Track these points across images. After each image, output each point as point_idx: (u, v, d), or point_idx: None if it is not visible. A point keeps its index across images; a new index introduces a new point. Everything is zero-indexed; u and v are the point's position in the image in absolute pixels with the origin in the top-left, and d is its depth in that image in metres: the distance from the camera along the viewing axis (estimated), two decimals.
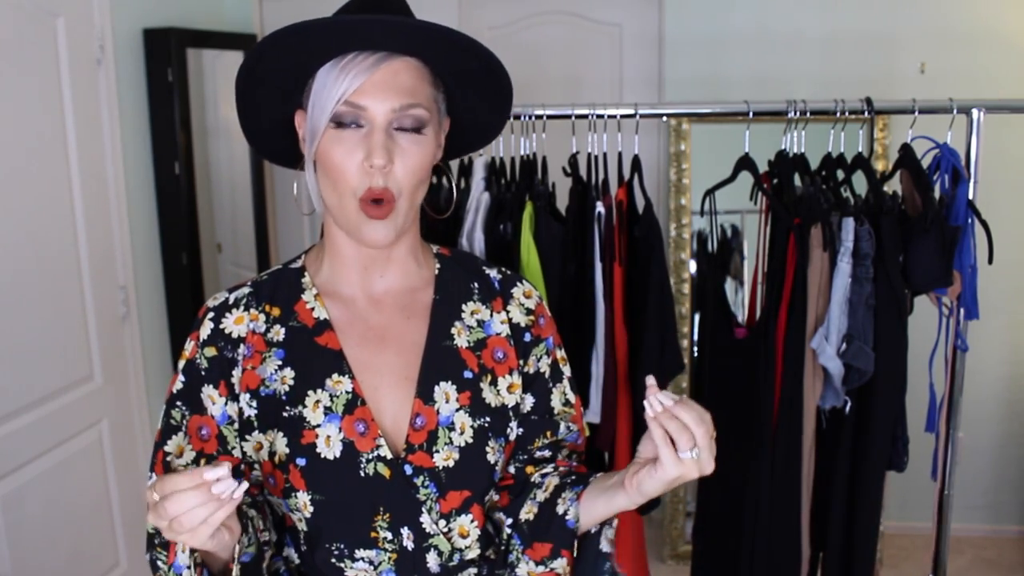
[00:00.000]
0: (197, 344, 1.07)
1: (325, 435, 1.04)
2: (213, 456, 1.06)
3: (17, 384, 2.29)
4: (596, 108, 1.85)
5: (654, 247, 1.80)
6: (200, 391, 1.06)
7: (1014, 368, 3.19)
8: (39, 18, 2.35)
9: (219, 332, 1.07)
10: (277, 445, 1.05)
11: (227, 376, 1.06)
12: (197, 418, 1.06)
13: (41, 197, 2.37)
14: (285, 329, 1.08)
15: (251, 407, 1.06)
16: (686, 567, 3.12)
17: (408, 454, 1.06)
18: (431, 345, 1.11)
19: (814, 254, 1.73)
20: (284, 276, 1.12)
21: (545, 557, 1.10)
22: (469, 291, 1.16)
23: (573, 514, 1.09)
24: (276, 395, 1.06)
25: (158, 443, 1.07)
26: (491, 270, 1.19)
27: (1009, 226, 2.67)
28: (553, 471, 1.16)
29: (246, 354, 1.07)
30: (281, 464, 1.04)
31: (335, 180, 1.01)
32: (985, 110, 1.86)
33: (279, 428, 1.05)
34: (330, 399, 1.05)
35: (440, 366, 1.10)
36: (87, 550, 2.56)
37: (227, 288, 1.12)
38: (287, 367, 1.07)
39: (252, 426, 1.06)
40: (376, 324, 1.10)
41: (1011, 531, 3.29)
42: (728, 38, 3.12)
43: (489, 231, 1.74)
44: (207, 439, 1.06)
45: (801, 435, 1.79)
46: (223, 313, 1.09)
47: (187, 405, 1.07)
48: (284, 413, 1.05)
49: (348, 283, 1.11)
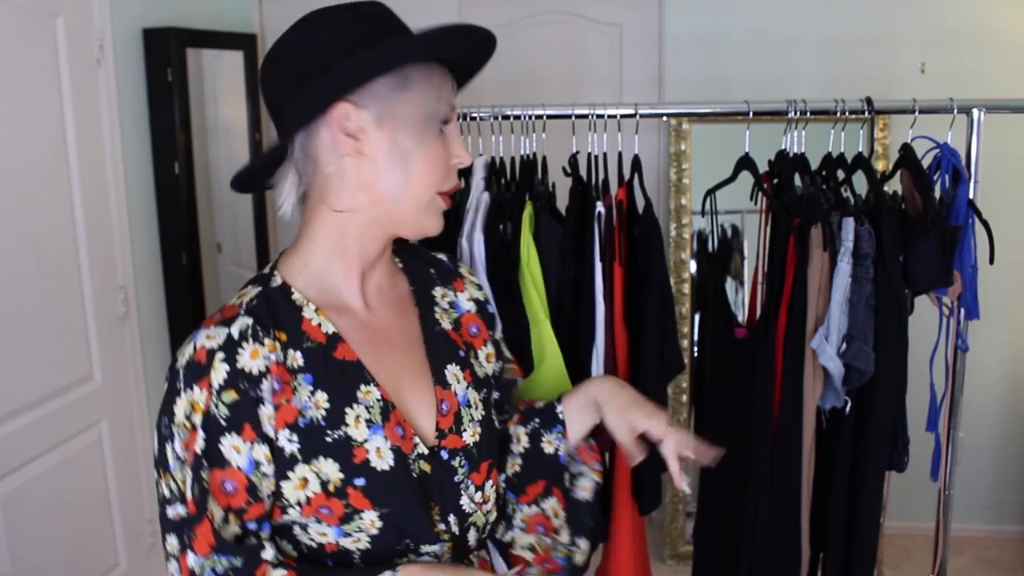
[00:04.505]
0: (211, 392, 0.97)
1: (375, 448, 1.03)
2: (243, 510, 0.99)
3: (17, 384, 2.28)
4: (596, 108, 1.85)
5: (654, 247, 1.80)
6: (219, 443, 0.97)
7: (1015, 368, 3.19)
8: (39, 18, 2.35)
9: (238, 372, 0.98)
10: (328, 472, 1.00)
11: (252, 418, 0.98)
12: (219, 472, 0.97)
13: (41, 197, 2.37)
14: (301, 352, 1.03)
15: (292, 442, 1.00)
16: (686, 567, 3.12)
17: (441, 440, 1.10)
18: (427, 333, 1.15)
19: (814, 254, 1.73)
20: (273, 296, 1.05)
21: (539, 495, 1.22)
22: (431, 277, 1.21)
23: (564, 450, 1.23)
24: (315, 422, 1.01)
25: (194, 516, 0.97)
26: (438, 255, 1.26)
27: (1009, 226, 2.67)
28: (516, 422, 1.27)
29: (275, 388, 0.99)
30: (337, 491, 1.01)
31: (432, 177, 1.05)
32: (985, 110, 1.86)
33: (326, 455, 1.01)
34: (367, 411, 1.04)
35: (442, 351, 1.15)
36: (87, 550, 2.56)
37: (214, 323, 1.01)
38: (318, 390, 1.02)
39: (295, 460, 1.00)
40: (379, 326, 1.11)
41: (1012, 531, 3.29)
42: (728, 38, 3.12)
43: (489, 231, 1.74)
44: (233, 493, 0.98)
45: (801, 435, 1.79)
46: (234, 350, 0.98)
47: (209, 461, 0.98)
48: (327, 438, 1.01)
49: (345, 291, 1.09)
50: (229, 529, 0.98)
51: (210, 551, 0.97)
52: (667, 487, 3.17)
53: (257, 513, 1.00)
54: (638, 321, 1.81)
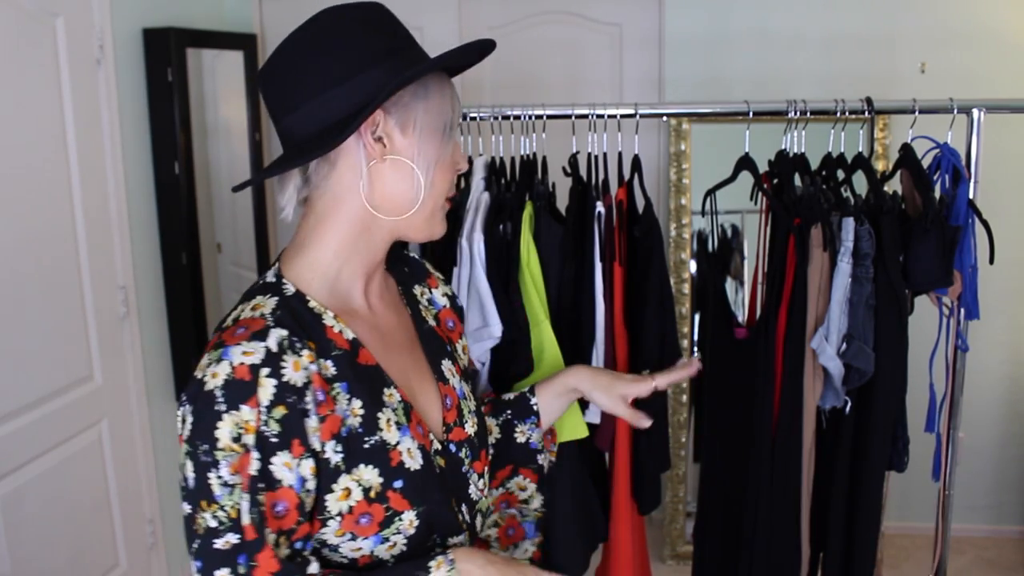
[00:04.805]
0: (260, 411, 0.93)
1: (406, 449, 1.04)
2: (292, 531, 0.97)
3: (17, 384, 2.28)
4: (596, 108, 1.85)
5: (654, 247, 1.80)
6: (270, 463, 0.94)
7: (1015, 368, 3.19)
8: (39, 18, 2.35)
9: (285, 386, 0.95)
10: (368, 479, 1.01)
11: (300, 433, 0.96)
12: (270, 495, 0.95)
13: (41, 197, 2.37)
14: (331, 361, 1.02)
15: (337, 452, 0.99)
16: (686, 567, 3.12)
17: (447, 434, 1.13)
18: (420, 331, 1.19)
19: (814, 254, 1.73)
20: (292, 305, 1.03)
21: (505, 478, 1.31)
22: (408, 275, 1.24)
23: (535, 438, 1.32)
24: (353, 430, 1.01)
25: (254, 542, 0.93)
26: (407, 253, 1.29)
27: (1009, 226, 2.67)
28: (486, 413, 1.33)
29: (319, 399, 0.98)
30: (378, 495, 1.01)
31: (445, 182, 1.09)
32: (985, 110, 1.86)
33: (366, 462, 1.01)
34: (393, 413, 1.05)
35: (434, 347, 1.19)
36: (87, 550, 2.56)
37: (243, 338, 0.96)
38: (353, 398, 1.02)
39: (339, 472, 0.99)
40: (385, 328, 1.13)
41: (1012, 531, 3.29)
42: (728, 38, 3.12)
43: (489, 231, 1.74)
44: (284, 514, 0.96)
45: (801, 435, 1.79)
46: (277, 364, 0.95)
47: (265, 484, 0.95)
48: (365, 445, 1.01)
49: (354, 295, 1.10)
50: (281, 552, 0.96)
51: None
52: (667, 487, 3.17)
53: (304, 532, 0.99)
54: (638, 321, 1.81)
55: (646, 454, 1.81)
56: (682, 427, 3.12)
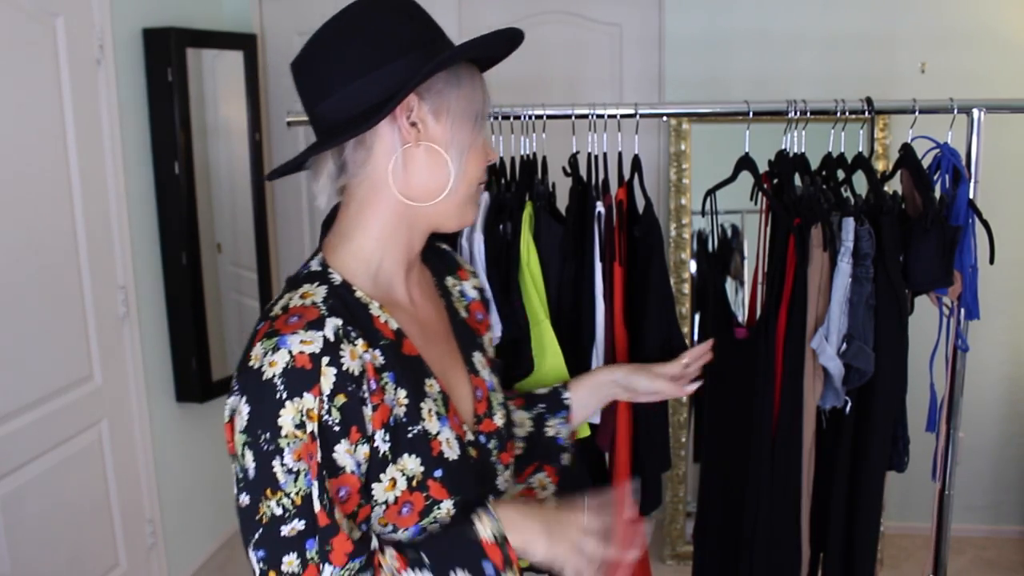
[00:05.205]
0: (322, 399, 0.95)
1: (445, 439, 1.06)
2: (355, 514, 0.99)
3: (17, 384, 2.29)
4: (596, 108, 1.85)
5: (654, 247, 1.80)
6: (332, 451, 0.97)
7: (1015, 368, 3.19)
8: (39, 18, 2.35)
9: (345, 375, 0.97)
10: (412, 468, 1.02)
11: (358, 420, 0.98)
12: (334, 481, 0.97)
13: (41, 197, 2.37)
14: (380, 350, 1.03)
15: (385, 442, 1.01)
16: (686, 567, 3.12)
17: (478, 425, 1.14)
18: (454, 323, 1.20)
19: (814, 254, 1.73)
20: (341, 294, 1.04)
21: (530, 474, 1.30)
22: (441, 267, 1.26)
23: (563, 433, 1.33)
24: (398, 420, 1.02)
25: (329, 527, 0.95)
26: (440, 246, 1.30)
27: (1009, 226, 2.67)
28: (518, 406, 1.35)
29: (372, 388, 1.00)
30: (419, 484, 1.03)
31: (477, 170, 1.10)
32: (985, 110, 1.86)
33: (409, 451, 1.02)
34: (434, 403, 1.07)
35: (466, 339, 1.20)
36: (87, 550, 2.56)
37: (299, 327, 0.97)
38: (399, 387, 1.03)
39: (387, 461, 1.01)
40: (424, 319, 1.14)
41: (1012, 531, 3.29)
42: (728, 38, 3.12)
43: (489, 231, 1.74)
44: (346, 499, 0.98)
45: (801, 435, 1.79)
46: (336, 353, 0.97)
47: (328, 471, 0.97)
48: (408, 434, 1.02)
49: (396, 285, 1.11)
50: (354, 535, 0.98)
51: (347, 559, 0.96)
52: (667, 487, 3.17)
53: (365, 515, 1.02)
54: (638, 321, 1.81)
55: (646, 454, 1.81)
56: (682, 427, 3.12)
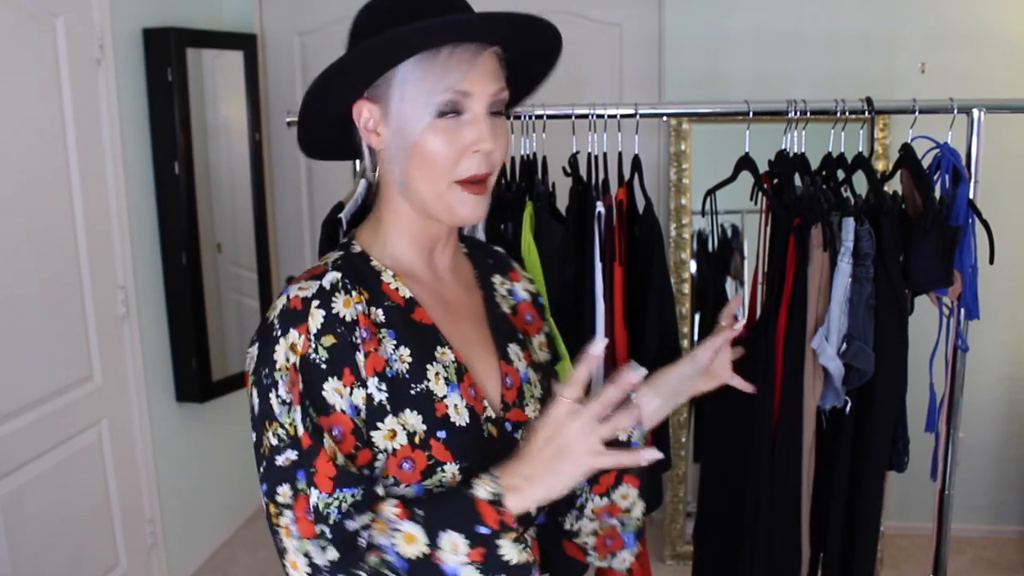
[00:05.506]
0: (308, 337, 1.00)
1: (453, 404, 1.06)
2: (352, 456, 1.01)
3: (17, 384, 2.29)
4: (596, 108, 1.85)
5: (654, 247, 1.80)
6: (321, 389, 1.00)
7: (1014, 368, 3.19)
8: (39, 18, 2.35)
9: (334, 317, 1.02)
10: (413, 424, 1.04)
11: (351, 363, 1.01)
12: (324, 419, 1.00)
13: (41, 197, 2.37)
14: (382, 310, 1.07)
15: (381, 391, 1.03)
16: (686, 567, 3.12)
17: (505, 412, 1.13)
18: (491, 313, 1.20)
19: (814, 254, 1.73)
20: (353, 260, 1.10)
21: (610, 486, 1.25)
22: (489, 265, 1.26)
23: (637, 436, 1.26)
24: (400, 375, 1.04)
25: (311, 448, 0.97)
26: (495, 247, 1.31)
27: (1009, 226, 2.67)
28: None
29: (364, 336, 1.03)
30: (421, 442, 1.04)
31: (433, 167, 1.06)
32: (985, 110, 1.86)
33: (411, 407, 1.04)
34: (444, 369, 1.08)
35: (504, 330, 1.19)
36: (87, 550, 2.56)
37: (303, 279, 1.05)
38: (402, 346, 1.06)
39: (384, 411, 1.03)
40: (450, 298, 1.15)
41: (1011, 531, 3.29)
42: (728, 38, 3.12)
43: (489, 231, 1.74)
44: (341, 439, 1.00)
45: (801, 435, 1.79)
46: (328, 298, 1.03)
47: (314, 408, 1.00)
48: (411, 391, 1.05)
49: (416, 263, 1.13)
50: (339, 461, 1.00)
51: (333, 486, 0.98)
52: (667, 487, 3.17)
53: (365, 459, 1.02)
54: (638, 321, 1.81)
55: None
56: (682, 427, 3.12)
